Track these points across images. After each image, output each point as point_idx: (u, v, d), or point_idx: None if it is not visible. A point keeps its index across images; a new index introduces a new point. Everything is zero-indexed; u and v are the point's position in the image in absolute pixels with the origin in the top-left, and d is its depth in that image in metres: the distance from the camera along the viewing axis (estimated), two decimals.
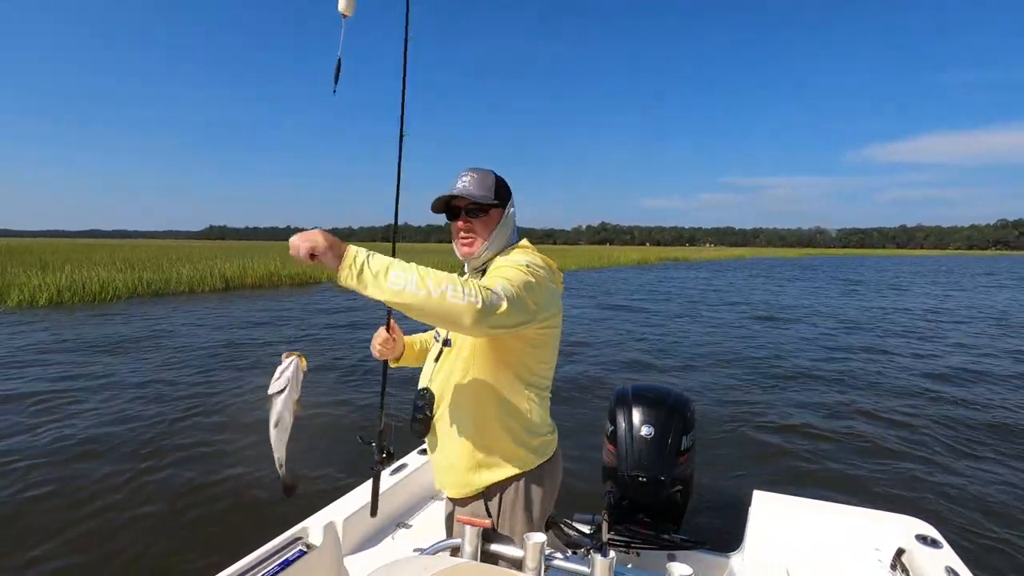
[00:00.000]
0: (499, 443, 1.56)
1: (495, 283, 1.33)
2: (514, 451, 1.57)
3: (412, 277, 1.18)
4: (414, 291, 1.17)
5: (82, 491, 3.91)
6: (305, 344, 9.84)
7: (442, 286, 1.19)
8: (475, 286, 1.23)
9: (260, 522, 3.49)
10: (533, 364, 1.57)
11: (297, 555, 1.95)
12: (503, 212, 1.61)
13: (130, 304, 15.20)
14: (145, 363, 8.05)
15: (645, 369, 8.34)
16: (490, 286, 1.29)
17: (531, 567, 1.26)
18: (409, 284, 1.18)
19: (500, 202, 1.59)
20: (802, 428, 5.69)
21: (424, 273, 1.20)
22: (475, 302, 1.20)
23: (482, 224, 1.57)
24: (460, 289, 1.20)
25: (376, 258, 1.21)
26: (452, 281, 1.21)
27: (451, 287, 1.19)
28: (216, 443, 4.84)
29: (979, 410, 6.47)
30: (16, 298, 14.36)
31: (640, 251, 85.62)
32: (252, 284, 21.19)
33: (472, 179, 1.57)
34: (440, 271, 1.25)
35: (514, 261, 1.48)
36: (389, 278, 1.18)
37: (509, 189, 1.64)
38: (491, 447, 1.56)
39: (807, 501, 2.46)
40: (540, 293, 1.43)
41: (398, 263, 1.22)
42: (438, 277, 1.21)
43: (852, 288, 25.02)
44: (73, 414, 5.59)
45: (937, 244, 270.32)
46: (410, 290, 1.17)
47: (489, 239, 1.58)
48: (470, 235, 1.58)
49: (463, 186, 1.56)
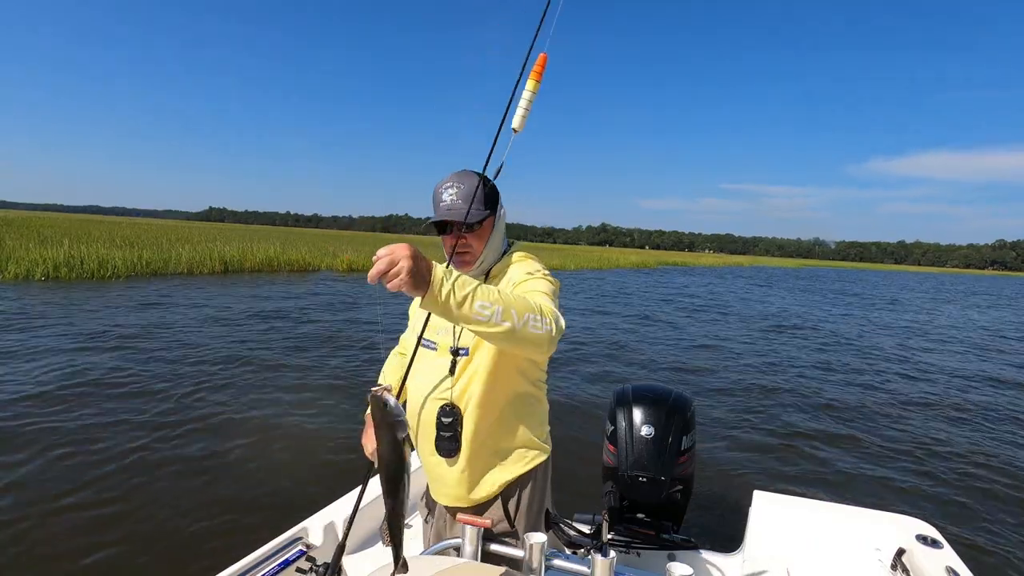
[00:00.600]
0: (521, 440, 1.58)
1: (544, 301, 1.33)
2: (534, 444, 1.61)
3: (497, 308, 1.18)
4: (499, 321, 1.18)
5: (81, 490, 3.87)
6: (305, 337, 9.83)
7: (524, 316, 1.21)
8: (548, 311, 1.27)
9: (260, 522, 3.47)
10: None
11: (297, 555, 1.94)
12: (495, 218, 1.54)
13: (128, 283, 15.15)
14: (144, 357, 8.02)
15: (645, 369, 8.37)
16: (546, 300, 1.33)
17: (531, 567, 1.26)
18: (495, 316, 1.18)
19: (491, 209, 1.51)
20: (802, 429, 5.73)
21: (508, 302, 1.20)
22: (551, 331, 1.25)
23: (476, 237, 1.51)
24: (539, 319, 1.23)
25: (460, 284, 1.15)
26: (531, 310, 1.23)
27: (531, 317, 1.22)
28: (216, 443, 4.79)
29: (979, 411, 6.53)
30: (13, 271, 14.29)
31: (639, 254, 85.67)
32: (251, 268, 21.15)
33: (457, 191, 1.48)
34: (520, 296, 1.26)
35: (534, 269, 1.50)
36: (475, 307, 1.16)
37: (495, 187, 1.54)
38: (515, 446, 1.57)
39: (807, 501, 2.46)
40: (558, 302, 1.47)
41: (482, 290, 1.18)
42: (521, 306, 1.22)
43: (851, 299, 25.12)
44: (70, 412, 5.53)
45: (935, 261, 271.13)
46: (495, 320, 1.18)
47: (485, 250, 1.53)
48: (466, 251, 1.51)
49: (450, 201, 1.48)
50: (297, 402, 5.94)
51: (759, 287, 31.58)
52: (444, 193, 1.49)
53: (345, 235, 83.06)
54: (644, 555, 2.29)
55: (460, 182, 1.49)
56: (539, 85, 1.44)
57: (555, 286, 1.47)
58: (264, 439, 4.85)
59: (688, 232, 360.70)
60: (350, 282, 19.58)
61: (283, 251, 23.83)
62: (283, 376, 6.91)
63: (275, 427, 5.14)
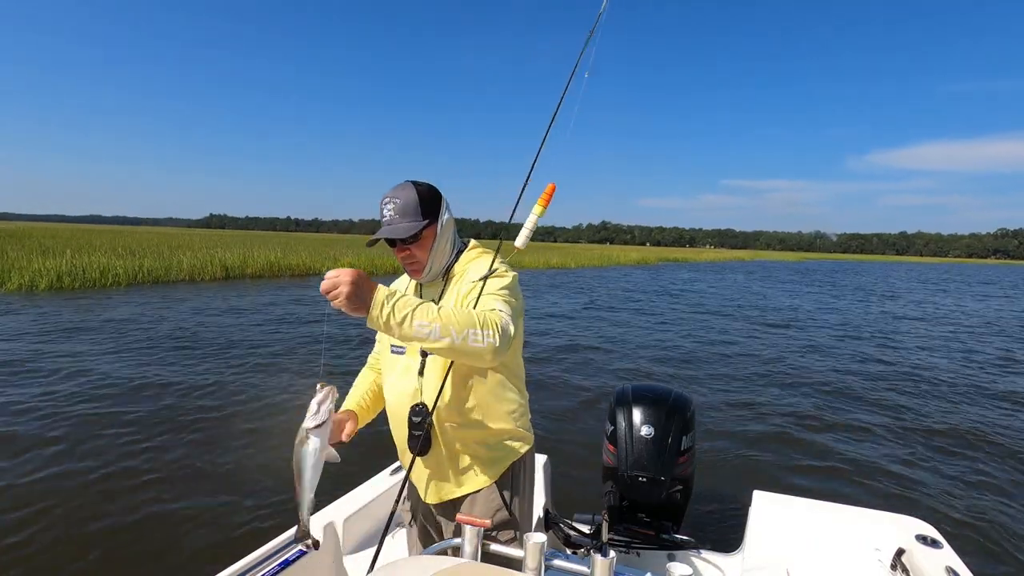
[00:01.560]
0: (497, 434, 1.61)
1: (496, 305, 1.42)
2: (512, 435, 1.65)
3: (435, 326, 1.25)
4: (437, 337, 1.26)
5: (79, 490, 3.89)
6: (305, 338, 9.85)
7: (464, 331, 1.27)
8: (491, 323, 1.32)
9: (260, 522, 3.51)
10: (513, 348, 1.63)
11: (297, 555, 1.95)
12: (436, 226, 1.56)
13: (129, 290, 15.20)
14: (143, 359, 8.04)
15: (645, 369, 8.36)
16: (494, 311, 1.37)
17: (531, 567, 1.26)
18: (433, 332, 1.25)
19: (429, 219, 1.54)
20: (802, 428, 5.72)
21: (446, 320, 1.27)
22: (493, 342, 1.30)
23: (419, 247, 1.55)
24: (480, 332, 1.29)
25: (399, 307, 1.25)
26: (472, 324, 1.29)
27: (471, 331, 1.28)
28: (216, 443, 4.82)
29: (979, 411, 6.51)
30: (16, 282, 14.35)
31: (640, 251, 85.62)
32: (253, 274, 21.21)
33: (395, 206, 1.51)
34: (461, 311, 1.31)
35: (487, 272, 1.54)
36: (414, 327, 1.25)
37: (435, 193, 1.58)
38: (490, 439, 1.61)
39: (807, 501, 2.46)
40: (518, 294, 1.56)
41: (420, 310, 1.26)
42: (460, 322, 1.28)
43: (852, 293, 25.07)
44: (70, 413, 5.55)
45: (937, 252, 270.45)
46: (434, 337, 1.26)
47: (431, 256, 1.57)
48: (413, 262, 1.57)
49: (388, 219, 1.51)
50: (297, 403, 5.95)
51: (759, 282, 31.54)
52: (384, 209, 1.53)
53: (345, 239, 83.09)
54: (644, 555, 2.30)
55: (396, 196, 1.52)
56: (545, 211, 1.65)
57: (508, 283, 1.52)
58: (264, 439, 4.88)
59: (689, 228, 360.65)
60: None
61: (284, 256, 23.89)
62: (283, 377, 6.94)
63: (275, 427, 5.17)
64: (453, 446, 1.60)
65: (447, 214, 1.60)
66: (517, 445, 1.66)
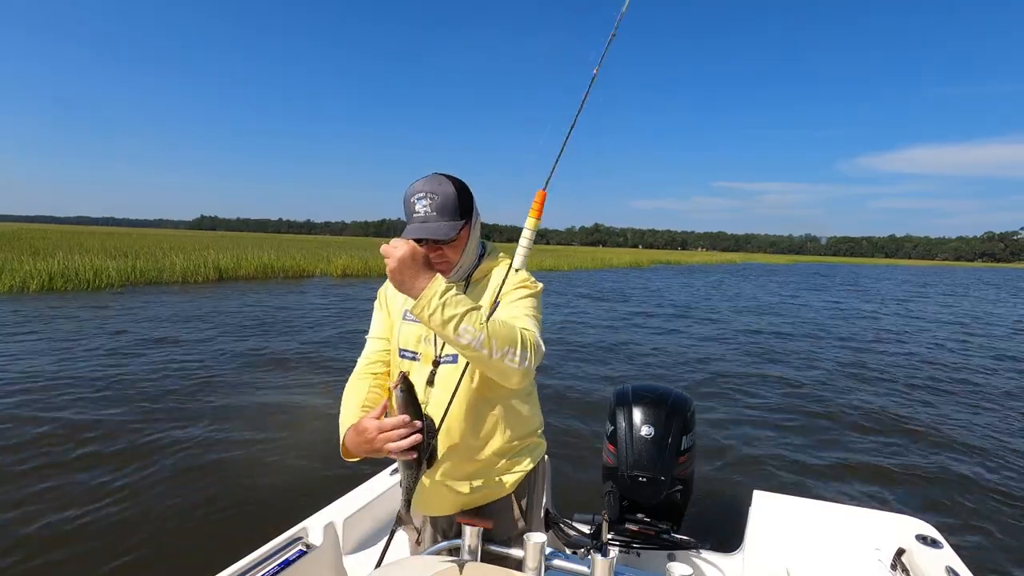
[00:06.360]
0: (507, 445, 1.55)
1: (527, 323, 1.36)
2: (525, 447, 1.60)
3: (480, 336, 1.21)
4: (477, 347, 1.21)
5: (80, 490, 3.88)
6: (303, 339, 9.82)
7: (503, 348, 1.23)
8: (530, 344, 1.28)
9: (260, 522, 3.50)
10: None
11: (297, 555, 1.94)
12: (471, 226, 1.46)
13: (123, 292, 15.09)
14: (142, 360, 7.99)
15: (645, 369, 8.40)
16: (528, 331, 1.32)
17: (531, 567, 1.26)
18: (475, 341, 1.21)
19: (467, 217, 1.42)
20: (802, 428, 5.76)
21: (492, 332, 1.22)
22: (527, 366, 1.27)
23: (453, 248, 1.43)
24: (517, 353, 1.25)
25: (449, 305, 1.20)
26: (514, 343, 1.25)
27: (511, 350, 1.24)
28: (216, 444, 4.81)
29: (979, 411, 6.58)
30: (7, 283, 14.22)
31: (632, 253, 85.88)
32: (246, 276, 21.09)
33: (431, 202, 1.37)
34: (507, 326, 1.27)
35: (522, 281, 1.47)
36: (459, 330, 1.20)
37: (469, 189, 1.44)
38: (502, 450, 1.54)
39: (807, 501, 2.46)
40: (541, 308, 1.50)
41: (470, 316, 1.21)
42: (503, 337, 1.24)
43: (849, 292, 25.25)
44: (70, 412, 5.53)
45: (925, 255, 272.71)
46: (474, 346, 1.21)
47: (462, 257, 1.47)
48: (443, 262, 1.44)
49: (423, 216, 1.37)
50: (297, 403, 5.97)
51: (754, 284, 31.71)
52: (417, 204, 1.38)
53: (338, 240, 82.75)
54: (644, 555, 2.30)
55: (433, 191, 1.37)
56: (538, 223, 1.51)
57: (537, 297, 1.48)
58: (264, 439, 4.88)
59: (681, 231, 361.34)
60: (345, 286, 19.58)
61: (277, 258, 23.78)
62: (283, 377, 6.93)
63: (275, 427, 5.16)
64: (465, 458, 1.51)
65: (477, 212, 1.50)
66: (533, 454, 1.61)
